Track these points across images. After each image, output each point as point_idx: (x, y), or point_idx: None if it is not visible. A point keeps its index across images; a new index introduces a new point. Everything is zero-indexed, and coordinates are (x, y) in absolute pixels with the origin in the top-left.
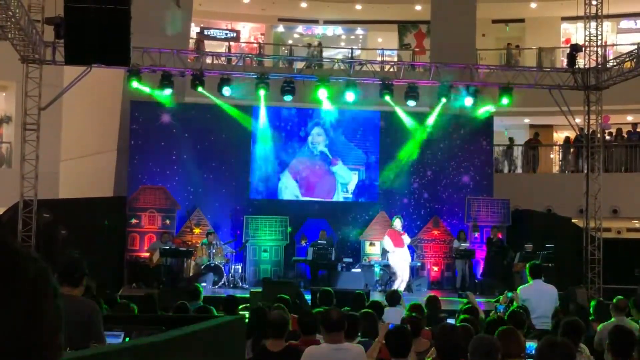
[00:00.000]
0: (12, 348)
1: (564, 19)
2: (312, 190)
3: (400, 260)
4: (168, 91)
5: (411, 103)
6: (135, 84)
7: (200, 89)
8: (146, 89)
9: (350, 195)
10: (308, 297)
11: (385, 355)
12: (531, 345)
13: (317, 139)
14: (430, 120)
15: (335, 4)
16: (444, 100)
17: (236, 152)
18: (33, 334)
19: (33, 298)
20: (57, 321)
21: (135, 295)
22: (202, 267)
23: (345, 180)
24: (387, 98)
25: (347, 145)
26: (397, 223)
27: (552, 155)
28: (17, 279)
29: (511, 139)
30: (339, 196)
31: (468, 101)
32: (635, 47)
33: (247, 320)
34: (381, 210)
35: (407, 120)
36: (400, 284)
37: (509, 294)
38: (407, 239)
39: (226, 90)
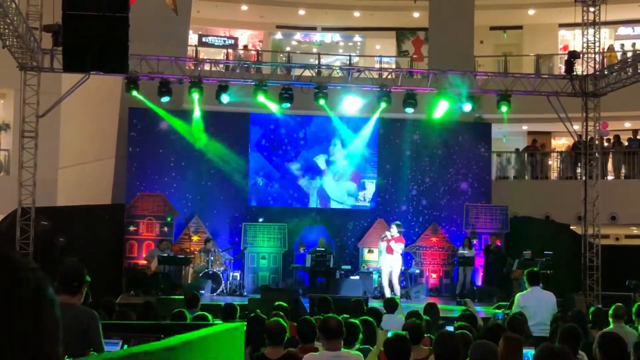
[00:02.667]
0: (13, 359)
1: (562, 25)
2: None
3: (384, 266)
4: (166, 99)
5: (409, 110)
6: (134, 93)
7: (196, 95)
8: (144, 100)
9: (368, 204)
10: (306, 304)
11: None
12: (529, 352)
13: (335, 151)
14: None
15: (333, 11)
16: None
17: (234, 159)
18: (33, 344)
19: (33, 309)
20: (56, 331)
21: (133, 302)
22: (201, 274)
23: (333, 194)
24: (384, 105)
25: (346, 153)
26: (393, 229)
27: (550, 162)
28: (18, 291)
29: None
30: (345, 203)
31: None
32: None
33: (245, 327)
34: (379, 218)
35: (405, 127)
36: (387, 289)
37: (504, 313)
38: (396, 246)
39: (224, 98)
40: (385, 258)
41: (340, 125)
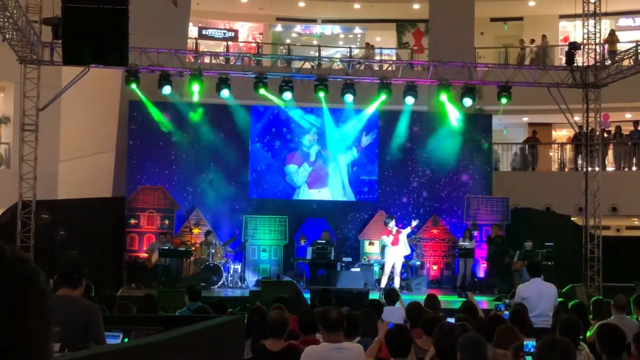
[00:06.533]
0: None
1: (562, 16)
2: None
3: (391, 257)
4: (167, 89)
5: (410, 100)
6: (133, 86)
7: (196, 86)
8: (141, 96)
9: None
10: (307, 296)
11: (385, 355)
12: (530, 343)
13: (310, 139)
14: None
15: (333, 3)
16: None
17: (235, 151)
18: (12, 334)
19: (15, 299)
20: (43, 324)
21: (134, 295)
22: (202, 267)
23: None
24: (384, 97)
25: (345, 144)
26: (392, 224)
27: (551, 153)
28: None
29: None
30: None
31: (467, 101)
32: (634, 44)
33: (246, 320)
34: (380, 210)
35: (405, 119)
36: (388, 280)
37: (507, 301)
38: (402, 237)
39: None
40: (392, 250)
41: (339, 117)
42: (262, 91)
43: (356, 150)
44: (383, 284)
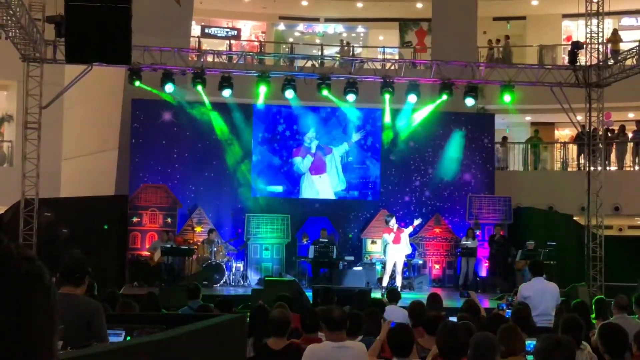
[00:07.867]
0: None
1: (565, 16)
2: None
3: (392, 255)
4: (170, 87)
5: (412, 99)
6: (137, 83)
7: (199, 87)
8: (151, 89)
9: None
10: (310, 295)
11: (387, 354)
12: (531, 342)
13: (309, 137)
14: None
15: (336, 1)
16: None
17: (237, 150)
18: (19, 332)
19: (21, 297)
20: (49, 322)
21: (136, 293)
22: (204, 265)
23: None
24: (387, 97)
25: (347, 142)
26: (393, 222)
27: (553, 153)
28: (5, 278)
29: None
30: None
31: (469, 101)
32: (637, 44)
33: (248, 318)
34: (382, 209)
35: (407, 118)
36: (389, 279)
37: (510, 298)
38: (404, 236)
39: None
40: (393, 249)
41: (345, 115)
42: (263, 88)
43: (347, 145)
44: (385, 282)
